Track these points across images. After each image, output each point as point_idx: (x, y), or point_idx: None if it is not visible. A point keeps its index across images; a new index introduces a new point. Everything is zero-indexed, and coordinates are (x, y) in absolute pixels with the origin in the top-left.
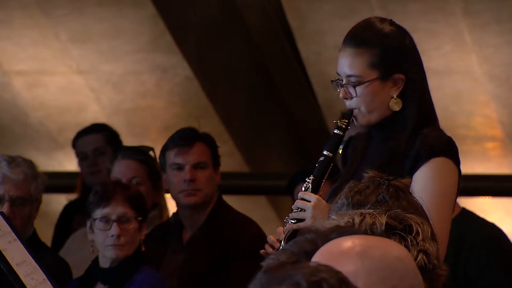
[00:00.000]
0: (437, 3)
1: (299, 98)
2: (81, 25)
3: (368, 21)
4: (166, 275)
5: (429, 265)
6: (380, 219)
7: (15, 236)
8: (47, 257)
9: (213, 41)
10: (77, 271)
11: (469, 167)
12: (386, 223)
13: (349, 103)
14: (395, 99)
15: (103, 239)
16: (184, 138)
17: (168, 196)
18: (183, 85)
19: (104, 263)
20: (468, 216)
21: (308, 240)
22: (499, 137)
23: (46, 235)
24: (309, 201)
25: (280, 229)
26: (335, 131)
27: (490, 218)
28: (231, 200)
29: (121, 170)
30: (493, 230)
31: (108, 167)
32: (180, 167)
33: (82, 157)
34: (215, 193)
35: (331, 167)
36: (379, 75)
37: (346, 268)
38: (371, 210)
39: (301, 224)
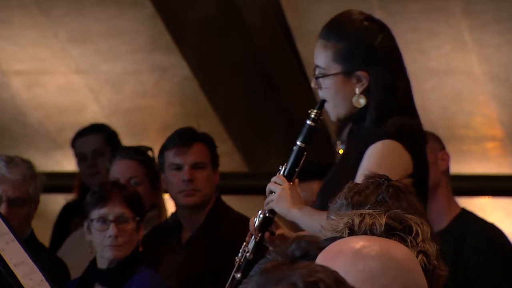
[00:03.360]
0: (437, 3)
1: (299, 98)
2: (80, 25)
3: (343, 14)
4: (165, 275)
5: (429, 266)
6: (379, 219)
7: (13, 237)
8: (45, 257)
9: (212, 41)
10: (75, 272)
11: (469, 167)
12: (386, 224)
13: (320, 94)
14: (358, 95)
15: (101, 240)
16: (182, 138)
17: (166, 196)
18: (182, 85)
19: (102, 264)
20: (468, 217)
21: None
22: (499, 137)
23: (44, 235)
24: (280, 185)
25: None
26: (307, 122)
27: (490, 218)
28: (230, 200)
29: (119, 170)
30: (493, 231)
31: (107, 167)
32: (178, 167)
33: (81, 158)
34: (214, 193)
35: (304, 157)
36: (341, 70)
37: (339, 266)
38: (370, 211)
39: (266, 207)
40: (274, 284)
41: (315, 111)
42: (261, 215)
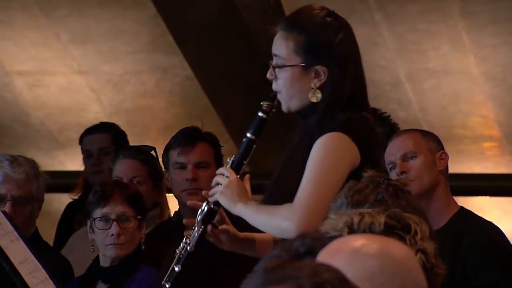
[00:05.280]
0: (435, 4)
1: None
2: (82, 26)
3: (307, 7)
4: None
5: (427, 264)
6: (378, 218)
7: (17, 235)
8: (48, 256)
9: (213, 41)
10: (79, 270)
11: (466, 166)
12: (385, 223)
13: (274, 85)
14: (315, 90)
15: (103, 239)
16: (187, 138)
17: (169, 195)
18: (183, 85)
19: (105, 262)
20: (466, 215)
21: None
22: (496, 137)
23: (48, 234)
24: (228, 177)
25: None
26: (259, 114)
27: (488, 217)
28: None
29: (122, 169)
30: (491, 229)
31: (110, 166)
32: (182, 166)
33: (86, 155)
34: None
35: (254, 148)
36: (301, 62)
37: (339, 265)
38: (370, 210)
39: (210, 199)
40: (278, 283)
41: (267, 103)
42: (206, 207)
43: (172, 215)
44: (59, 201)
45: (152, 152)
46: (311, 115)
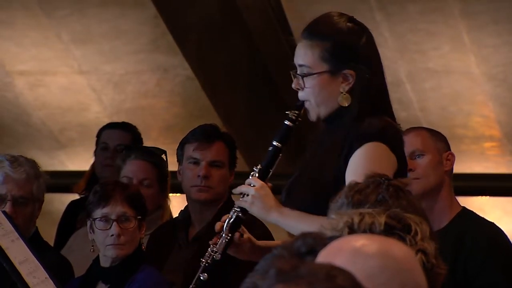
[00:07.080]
0: (436, 4)
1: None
2: (83, 26)
3: (326, 15)
4: (169, 271)
5: (427, 264)
6: (379, 218)
7: (17, 235)
8: (49, 256)
9: (213, 41)
10: (80, 270)
11: (467, 166)
12: (385, 223)
13: (301, 95)
14: (344, 94)
15: (103, 239)
16: (205, 134)
17: (169, 196)
18: (183, 85)
19: (105, 263)
20: (468, 215)
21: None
22: (497, 137)
23: (49, 234)
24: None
25: (224, 217)
26: (285, 122)
27: (488, 217)
28: None
29: (133, 169)
30: (492, 230)
31: (119, 165)
32: (196, 162)
33: (103, 147)
34: (226, 192)
35: (279, 157)
36: (328, 68)
37: (339, 265)
38: (370, 210)
39: (241, 204)
40: (291, 285)
41: (295, 112)
42: (234, 216)
43: (171, 216)
44: (60, 201)
45: (163, 155)
46: (340, 119)
